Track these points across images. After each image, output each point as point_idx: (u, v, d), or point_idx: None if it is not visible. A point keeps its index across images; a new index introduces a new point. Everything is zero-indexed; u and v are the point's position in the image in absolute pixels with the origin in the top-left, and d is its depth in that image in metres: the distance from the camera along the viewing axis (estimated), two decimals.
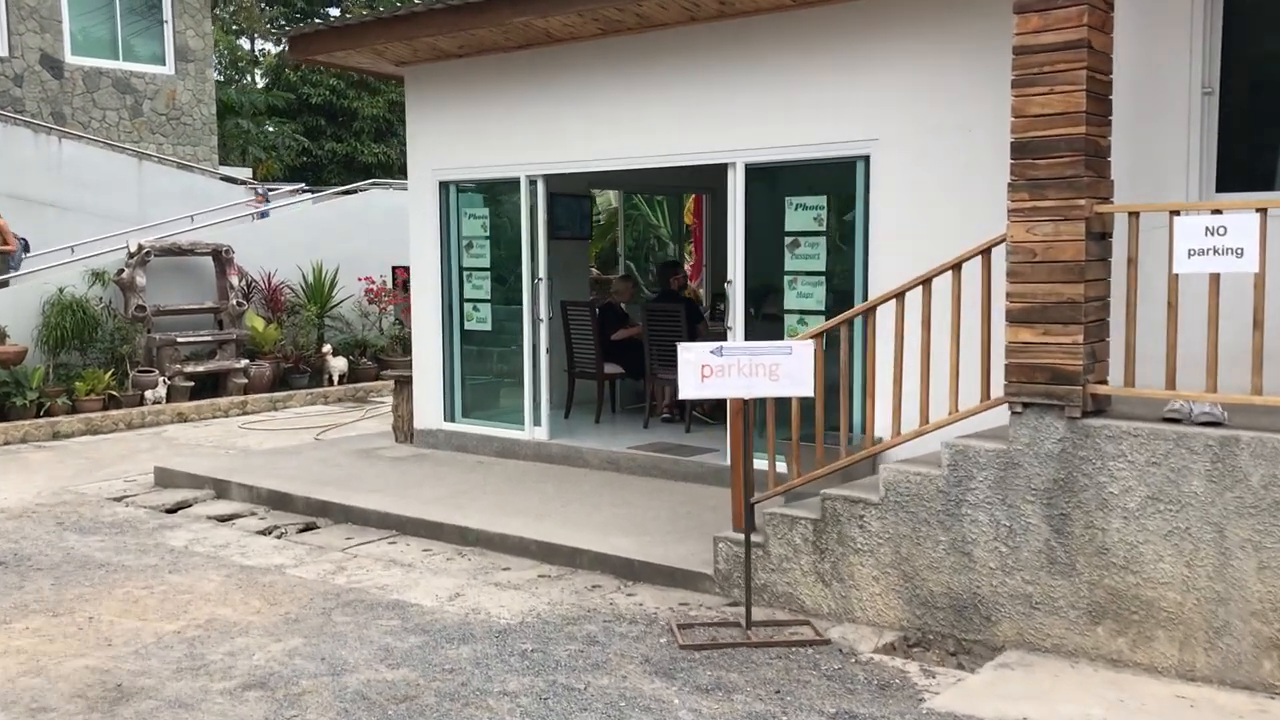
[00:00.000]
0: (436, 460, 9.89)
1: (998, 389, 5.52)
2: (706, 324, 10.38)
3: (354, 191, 18.01)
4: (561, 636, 5.75)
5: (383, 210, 17.36)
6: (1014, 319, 5.25)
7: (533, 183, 9.56)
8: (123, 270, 13.82)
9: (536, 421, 9.75)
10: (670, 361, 9.91)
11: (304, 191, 18.24)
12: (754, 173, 8.23)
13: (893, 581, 5.73)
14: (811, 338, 5.99)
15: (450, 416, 10.39)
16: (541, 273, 9.61)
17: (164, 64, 19.52)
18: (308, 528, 8.30)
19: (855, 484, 6.10)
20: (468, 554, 7.41)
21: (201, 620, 6.12)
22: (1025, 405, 5.26)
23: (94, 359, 13.46)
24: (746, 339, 8.34)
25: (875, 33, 7.51)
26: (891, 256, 7.52)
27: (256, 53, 33.50)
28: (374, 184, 18.23)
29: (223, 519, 8.60)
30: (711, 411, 10.47)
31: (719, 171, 12.69)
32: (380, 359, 16.17)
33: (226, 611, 6.26)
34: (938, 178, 7.32)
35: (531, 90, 9.39)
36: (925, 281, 5.68)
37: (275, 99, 25.89)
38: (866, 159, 7.62)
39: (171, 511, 8.88)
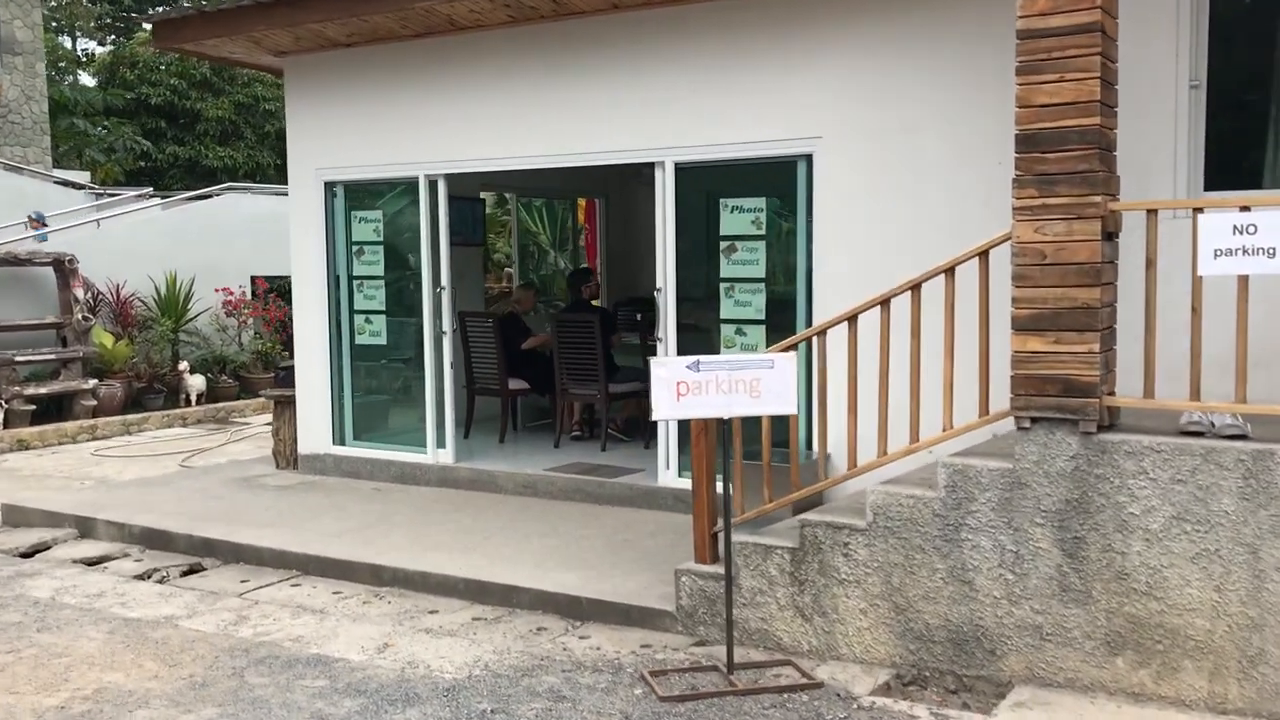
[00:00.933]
0: (327, 488, 9.01)
1: (996, 402, 5.09)
2: (620, 335, 9.78)
3: (207, 196, 16.78)
4: (521, 692, 5.06)
5: (241, 216, 16.23)
6: (1021, 326, 4.83)
7: (433, 183, 8.80)
8: None
9: (440, 443, 8.98)
10: (583, 376, 9.31)
11: (152, 196, 16.89)
12: (684, 173, 7.68)
13: (883, 614, 5.24)
14: (789, 348, 5.47)
15: (340, 439, 9.52)
16: (444, 281, 8.85)
17: None
18: (192, 570, 7.36)
19: (832, 508, 5.60)
20: (385, 595, 6.63)
21: (88, 690, 5.20)
22: (1034, 420, 4.84)
23: None
24: (679, 351, 7.78)
25: (818, 25, 7.06)
26: (839, 260, 7.08)
27: (79, 52, 31.42)
28: (230, 188, 17.02)
29: (92, 562, 7.58)
30: (625, 428, 9.88)
31: (615, 175, 12.23)
32: (241, 376, 15.06)
33: (117, 677, 5.35)
34: (887, 179, 6.91)
35: (431, 83, 8.64)
36: (914, 286, 5.22)
37: (113, 97, 24.15)
38: (809, 158, 7.17)
39: (28, 556, 7.80)
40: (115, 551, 7.79)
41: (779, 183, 7.41)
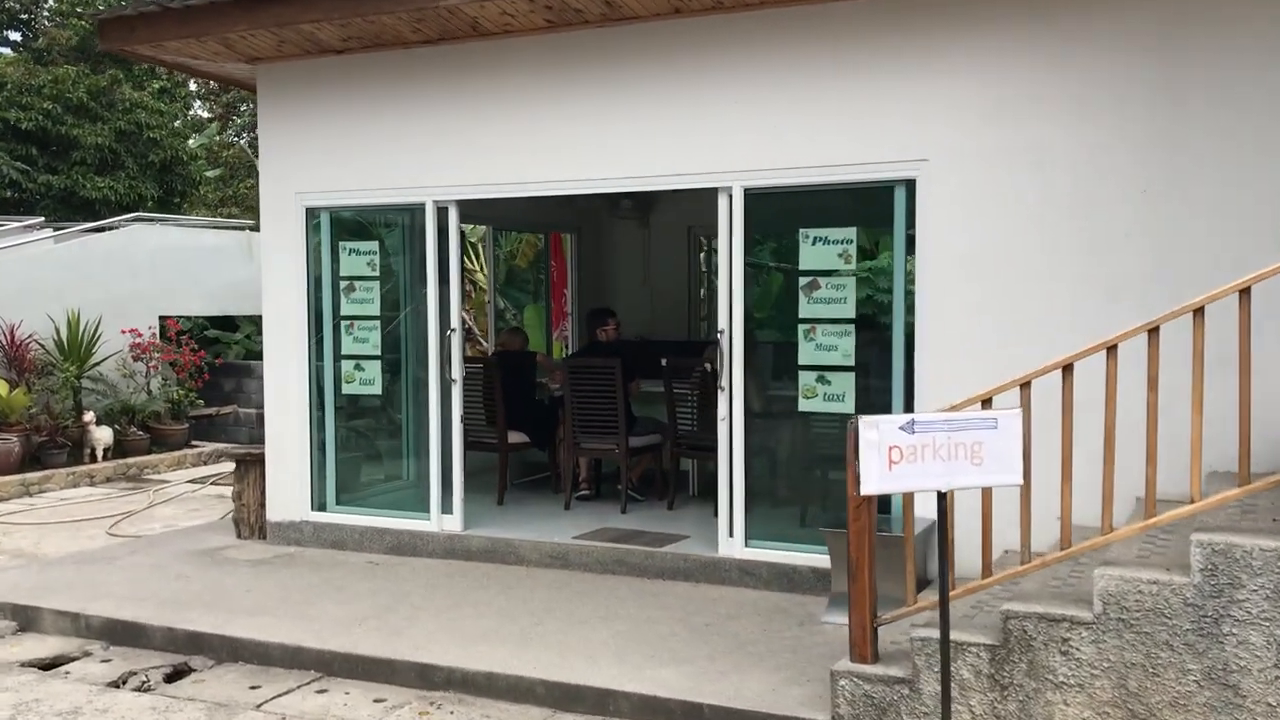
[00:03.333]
0: (313, 563, 7.71)
1: (1259, 464, 4.27)
2: (639, 383, 8.76)
3: (108, 228, 15.10)
4: None
5: (148, 249, 14.66)
6: None
7: (442, 210, 7.67)
8: None
9: (447, 509, 7.78)
10: (599, 428, 8.26)
11: (43, 226, 15.12)
12: (756, 199, 6.75)
13: None
14: (984, 402, 4.57)
15: (320, 505, 8.22)
16: (454, 322, 7.71)
17: None
18: (178, 672, 6.04)
19: (1036, 596, 4.68)
20: (442, 704, 5.45)
21: None
22: None
23: None
24: (747, 402, 6.81)
25: (928, 30, 6.25)
26: (947, 300, 6.25)
27: None
28: (138, 218, 15.38)
29: (47, 665, 6.18)
30: (640, 486, 8.85)
31: (588, 208, 11.26)
32: (151, 428, 13.45)
33: None
34: (1007, 209, 6.12)
35: (444, 96, 7.53)
36: (1153, 329, 4.37)
37: None
38: (910, 184, 6.33)
39: None
40: (72, 650, 6.38)
41: (872, 211, 6.55)
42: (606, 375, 8.30)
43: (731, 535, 6.91)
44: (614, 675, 5.40)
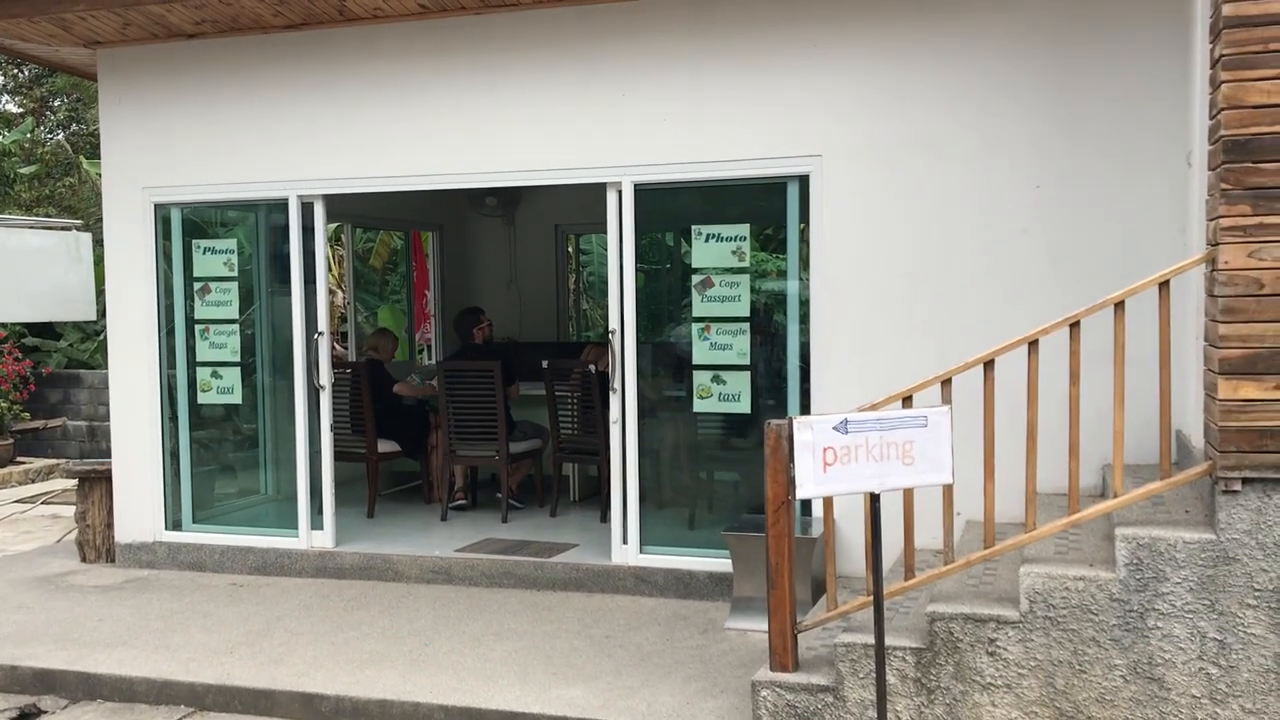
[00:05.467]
0: (170, 587, 7.14)
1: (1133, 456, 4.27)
2: (519, 386, 8.43)
3: None
4: None
5: None
6: (1231, 369, 4.03)
7: (307, 206, 7.21)
8: None
9: (317, 524, 7.32)
10: (477, 434, 7.93)
11: None
12: (645, 195, 6.54)
13: None
14: (904, 399, 4.46)
15: (175, 524, 7.63)
16: (321, 325, 7.25)
17: None
18: (25, 716, 5.47)
19: (960, 597, 4.59)
20: None
21: None
22: (1245, 481, 4.05)
23: None
24: (640, 402, 6.60)
25: (818, 23, 6.14)
26: (842, 296, 6.17)
27: None
28: None
29: None
30: (519, 494, 8.53)
31: (450, 205, 10.85)
32: None
33: None
34: (903, 204, 6.07)
35: (309, 85, 7.08)
36: (1073, 323, 4.33)
37: None
38: (804, 179, 6.22)
39: None
40: None
41: (766, 207, 6.43)
42: (485, 379, 7.97)
43: (625, 542, 6.68)
44: (518, 696, 5.10)
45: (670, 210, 6.77)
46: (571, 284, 11.81)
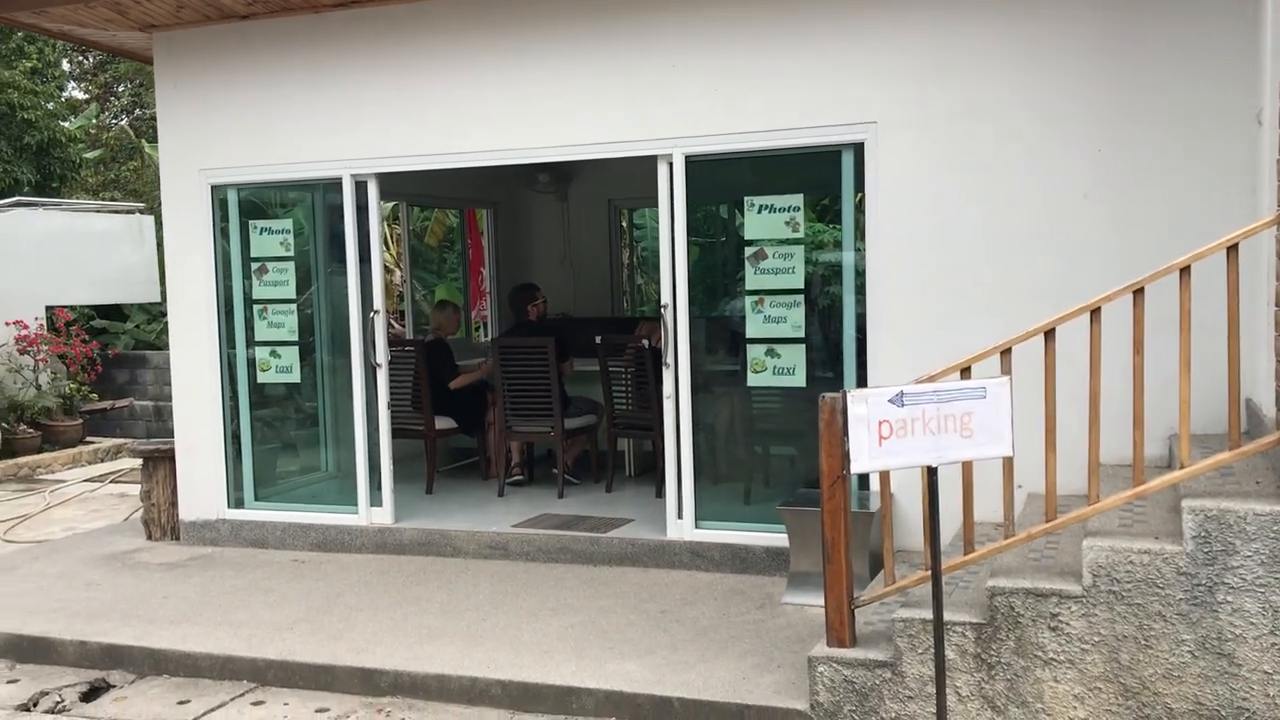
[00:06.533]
0: (234, 564, 7.24)
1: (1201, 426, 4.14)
2: (573, 362, 8.43)
3: None
4: None
5: (34, 237, 13.80)
6: None
7: (361, 184, 7.23)
8: None
9: (376, 501, 7.38)
10: (532, 411, 7.93)
11: None
12: (697, 167, 6.47)
13: (1107, 700, 4.21)
14: (963, 370, 4.37)
15: (238, 502, 7.74)
16: (377, 304, 7.29)
17: None
18: (95, 689, 5.58)
19: (1015, 572, 4.51)
20: (391, 710, 5.10)
21: None
22: None
23: None
24: (693, 377, 6.55)
25: None
26: (898, 265, 6.06)
27: None
28: (18, 203, 14.46)
29: None
30: (575, 469, 8.54)
31: (503, 182, 10.84)
32: (42, 425, 12.69)
33: None
34: (957, 172, 5.94)
35: (362, 63, 7.08)
36: (1137, 289, 4.20)
37: None
38: (859, 147, 6.11)
39: None
40: None
41: (820, 177, 6.33)
42: (539, 356, 7.97)
43: (680, 517, 6.66)
44: (574, 671, 5.11)
45: (722, 182, 6.69)
46: (625, 259, 11.77)
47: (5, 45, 24.57)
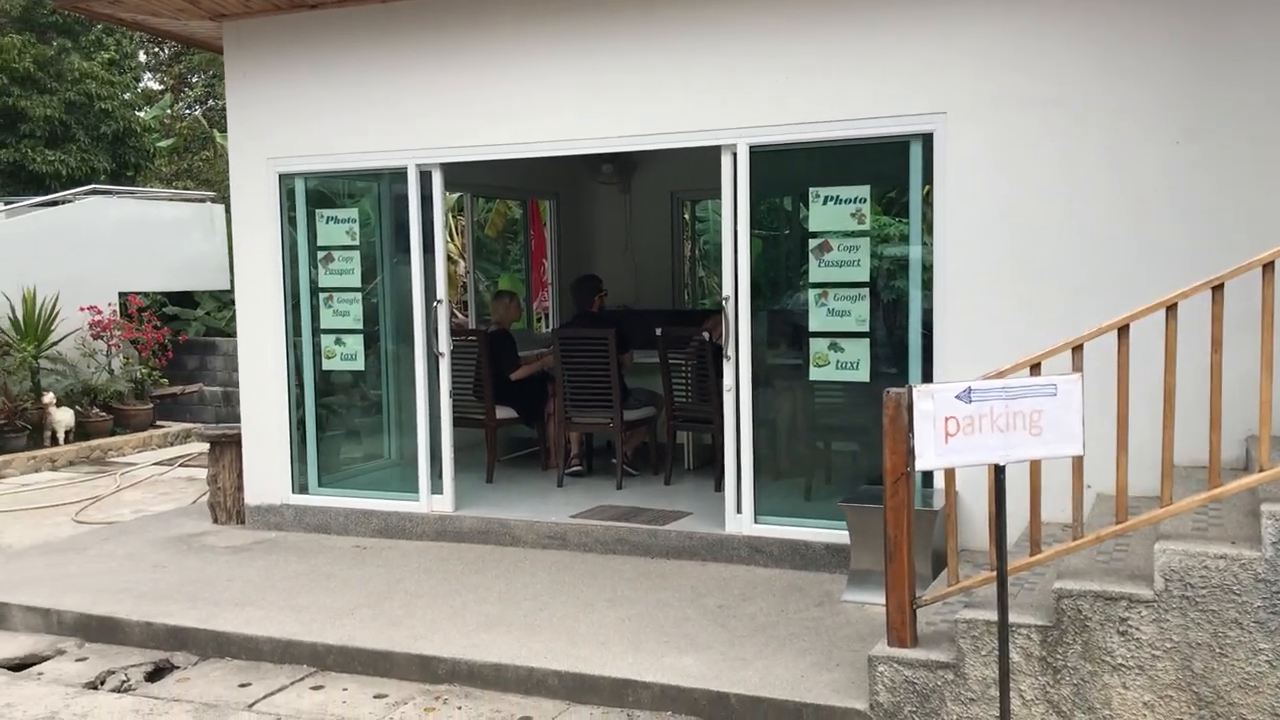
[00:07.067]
0: (297, 549, 7.32)
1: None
2: (633, 354, 8.40)
3: (61, 202, 14.50)
4: None
5: (106, 224, 14.09)
6: None
7: (425, 174, 7.26)
8: None
9: (437, 489, 7.42)
10: (592, 401, 7.92)
11: None
12: (761, 157, 6.40)
13: (1178, 709, 4.09)
14: (1033, 366, 4.26)
15: (302, 487, 7.82)
16: (440, 293, 7.32)
17: None
18: (159, 669, 5.67)
19: (1083, 575, 4.40)
20: (448, 698, 5.11)
21: None
22: None
23: None
24: (754, 371, 6.49)
25: None
26: (966, 263, 5.95)
27: None
28: (94, 191, 14.77)
29: (16, 666, 5.77)
30: (634, 461, 8.51)
31: (566, 173, 10.84)
32: (114, 408, 12.95)
33: None
34: (1028, 164, 5.81)
35: (427, 52, 7.11)
36: (1216, 285, 4.07)
37: None
38: (927, 137, 6.01)
39: None
40: (44, 648, 5.97)
41: (887, 168, 6.23)
42: (600, 347, 7.95)
43: (739, 511, 6.60)
44: (631, 664, 5.09)
45: (787, 172, 6.62)
46: (687, 252, 11.71)
47: (85, 37, 25.05)
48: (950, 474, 4.43)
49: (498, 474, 8.56)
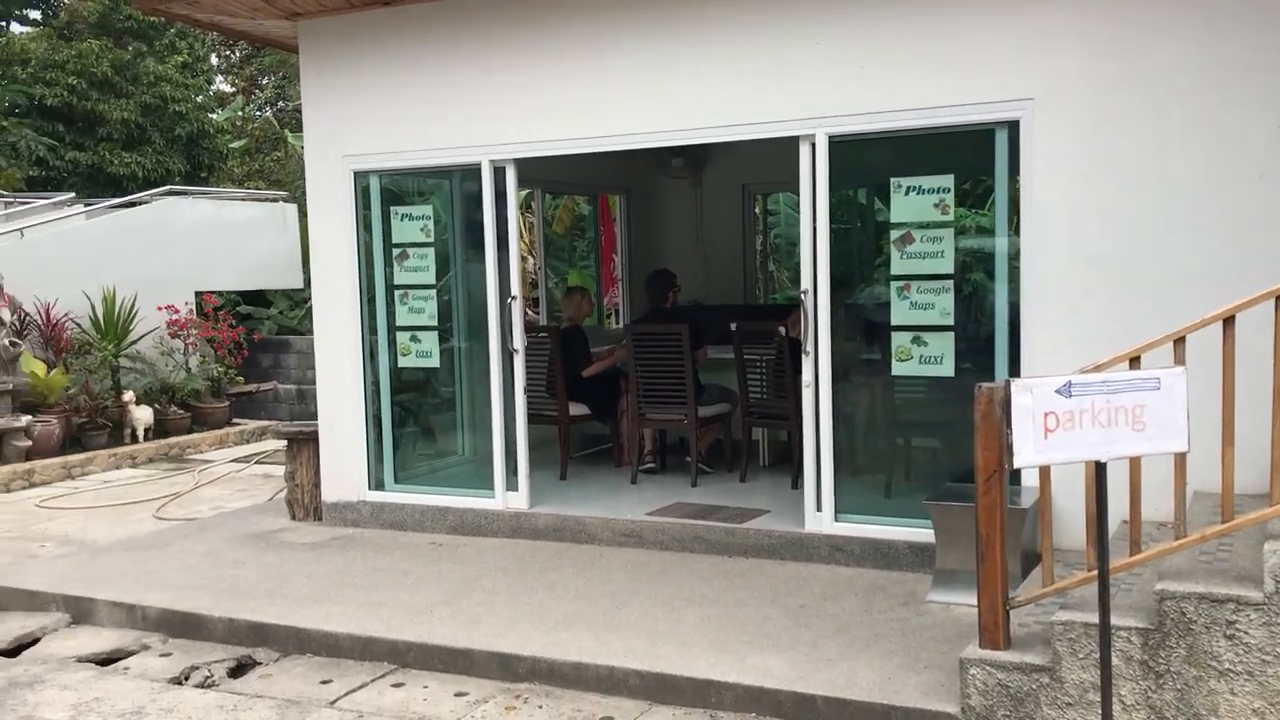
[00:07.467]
0: (374, 545, 7.34)
1: None
2: (706, 350, 8.32)
3: (139, 203, 14.75)
4: None
5: (182, 224, 14.32)
6: None
7: (499, 170, 7.23)
8: None
9: (512, 486, 7.40)
10: (666, 398, 7.85)
11: (73, 202, 14.75)
12: (840, 147, 6.28)
13: None
14: (1132, 360, 4.11)
15: (378, 484, 7.84)
16: (514, 290, 7.29)
17: None
18: (242, 665, 5.70)
19: (1186, 576, 4.23)
20: (528, 696, 5.07)
21: None
22: None
23: None
24: (834, 365, 6.37)
25: None
26: (1054, 254, 5.78)
27: None
28: (169, 192, 15.02)
29: (103, 660, 5.84)
30: (708, 458, 8.43)
31: (636, 168, 10.78)
32: (191, 406, 13.14)
33: None
34: (1119, 152, 5.62)
35: (500, 48, 7.08)
36: None
37: (8, 93, 21.73)
38: (1014, 125, 5.84)
39: (12, 653, 6.00)
40: (130, 643, 6.04)
41: (971, 157, 6.08)
42: (673, 342, 7.87)
43: (819, 509, 6.49)
44: (713, 664, 5.01)
45: (866, 163, 6.48)
46: (759, 245, 11.59)
47: (159, 41, 25.48)
48: (1045, 471, 4.29)
49: (571, 471, 8.53)
